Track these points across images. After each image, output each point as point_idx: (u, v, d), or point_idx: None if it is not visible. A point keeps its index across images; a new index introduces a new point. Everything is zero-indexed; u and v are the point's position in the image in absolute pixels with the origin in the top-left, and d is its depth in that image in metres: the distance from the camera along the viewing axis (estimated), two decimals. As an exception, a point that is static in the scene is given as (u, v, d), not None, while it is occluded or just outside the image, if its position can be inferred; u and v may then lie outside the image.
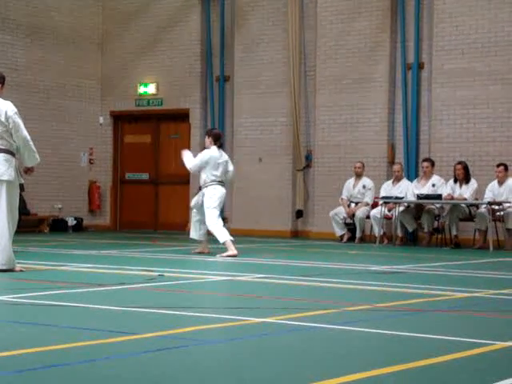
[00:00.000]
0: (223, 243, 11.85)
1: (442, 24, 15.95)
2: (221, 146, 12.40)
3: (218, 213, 12.09)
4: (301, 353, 4.80)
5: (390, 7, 16.55)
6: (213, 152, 12.12)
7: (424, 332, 5.46)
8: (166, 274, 9.02)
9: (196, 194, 12.59)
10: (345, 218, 15.83)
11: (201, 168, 12.10)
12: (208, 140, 12.23)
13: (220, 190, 12.08)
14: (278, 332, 5.55)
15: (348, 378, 4.05)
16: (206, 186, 12.06)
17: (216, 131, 12.80)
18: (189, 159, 12.22)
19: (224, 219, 18.31)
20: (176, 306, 6.77)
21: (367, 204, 15.77)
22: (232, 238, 11.85)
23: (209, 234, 12.24)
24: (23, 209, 15.98)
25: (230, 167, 12.38)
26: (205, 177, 12.08)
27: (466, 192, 14.72)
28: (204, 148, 12.49)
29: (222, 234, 11.89)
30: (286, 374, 4.21)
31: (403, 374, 4.24)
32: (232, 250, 11.69)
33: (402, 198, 15.18)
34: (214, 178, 12.06)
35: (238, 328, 5.64)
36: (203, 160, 12.08)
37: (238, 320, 5.87)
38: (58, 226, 18.31)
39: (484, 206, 14.39)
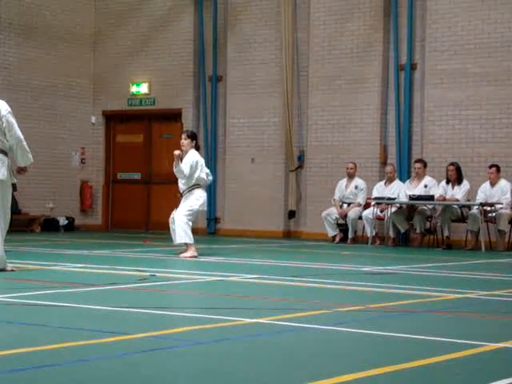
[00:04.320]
0: (187, 244, 11.56)
1: (435, 25, 15.96)
2: (198, 148, 12.12)
3: (193, 215, 11.83)
4: (292, 353, 4.78)
5: (382, 8, 16.55)
6: (199, 155, 11.91)
7: (416, 333, 5.46)
8: (157, 274, 9.00)
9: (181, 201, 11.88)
10: (337, 219, 15.82)
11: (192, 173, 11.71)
12: (192, 143, 11.79)
13: (204, 194, 11.89)
14: (270, 333, 5.53)
15: (339, 379, 4.04)
16: (191, 190, 11.71)
17: (194, 132, 12.46)
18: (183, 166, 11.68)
19: (216, 219, 18.41)
20: (167, 306, 6.75)
21: (359, 205, 15.77)
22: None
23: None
24: (14, 208, 15.93)
25: (207, 170, 12.01)
26: (189, 182, 11.71)
27: (459, 193, 14.73)
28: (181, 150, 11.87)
29: (190, 236, 11.58)
30: (278, 375, 4.20)
31: (395, 374, 4.23)
32: (195, 252, 11.51)
33: (395, 198, 15.19)
34: (197, 182, 11.72)
35: (229, 328, 5.62)
36: (198, 164, 11.69)
37: (229, 320, 5.86)
38: (49, 225, 18.27)
39: (476, 207, 14.41)
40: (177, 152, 11.66)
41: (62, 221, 18.39)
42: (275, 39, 17.57)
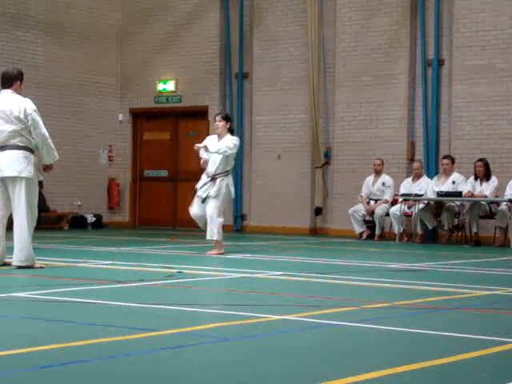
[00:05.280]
0: (217, 241, 11.35)
1: (463, 20, 15.85)
2: (233, 132, 11.66)
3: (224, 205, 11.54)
4: (318, 350, 4.77)
5: (409, 3, 16.47)
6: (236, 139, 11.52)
7: (443, 330, 5.43)
8: (184, 270, 9.02)
9: (209, 183, 11.32)
10: (364, 216, 15.78)
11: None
12: (226, 125, 11.36)
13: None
14: (296, 329, 5.53)
15: (366, 376, 4.02)
16: (225, 175, 11.32)
17: (229, 114, 12.09)
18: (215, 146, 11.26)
19: (243, 216, 18.42)
20: (194, 302, 6.76)
21: (387, 201, 15.72)
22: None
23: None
24: (42, 205, 16.05)
25: None
26: (226, 165, 11.37)
27: (487, 189, 14.63)
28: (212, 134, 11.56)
29: (221, 233, 11.30)
30: (303, 372, 4.19)
31: (422, 371, 4.20)
32: (222, 249, 11.34)
33: (422, 195, 15.11)
34: (230, 167, 11.55)
35: (255, 325, 5.62)
36: (237, 147, 11.35)
37: (255, 317, 5.86)
38: (77, 222, 18.37)
39: (505, 203, 14.31)
40: (200, 145, 11.36)
41: (90, 218, 18.48)
42: (301, 36, 17.54)
